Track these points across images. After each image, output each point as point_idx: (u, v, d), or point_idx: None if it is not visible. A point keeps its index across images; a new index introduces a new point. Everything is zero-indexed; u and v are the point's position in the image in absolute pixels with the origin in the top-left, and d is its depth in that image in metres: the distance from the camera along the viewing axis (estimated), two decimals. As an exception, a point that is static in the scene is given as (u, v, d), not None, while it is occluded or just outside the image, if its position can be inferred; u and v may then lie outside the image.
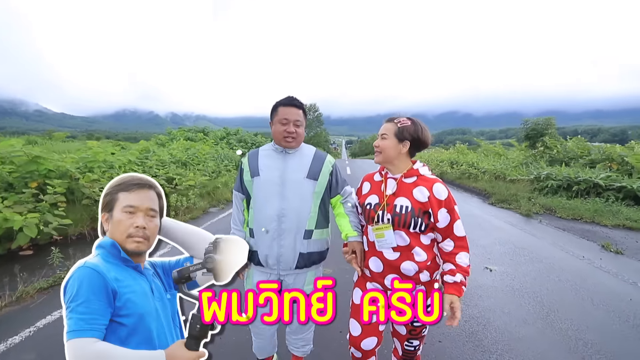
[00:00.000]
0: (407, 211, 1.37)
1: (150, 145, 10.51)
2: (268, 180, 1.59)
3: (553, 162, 10.14)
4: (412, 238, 1.39)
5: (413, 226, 1.37)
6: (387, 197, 1.43)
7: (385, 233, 1.40)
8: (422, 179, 1.42)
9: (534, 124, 12.14)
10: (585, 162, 8.84)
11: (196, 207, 6.90)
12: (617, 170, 8.10)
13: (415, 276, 1.40)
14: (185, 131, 18.24)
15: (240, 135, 21.64)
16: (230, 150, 14.92)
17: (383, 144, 1.43)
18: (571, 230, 5.36)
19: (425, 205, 1.36)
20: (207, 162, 10.99)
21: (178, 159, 9.90)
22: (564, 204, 6.79)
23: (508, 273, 3.56)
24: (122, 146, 10.50)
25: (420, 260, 1.39)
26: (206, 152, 11.81)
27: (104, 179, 6.17)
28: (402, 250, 1.40)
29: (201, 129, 19.62)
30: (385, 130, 1.44)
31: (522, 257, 4.06)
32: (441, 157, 16.24)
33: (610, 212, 6.11)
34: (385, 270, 1.44)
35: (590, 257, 4.10)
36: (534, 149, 11.80)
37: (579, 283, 3.33)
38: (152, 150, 9.97)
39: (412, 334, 1.49)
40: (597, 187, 7.22)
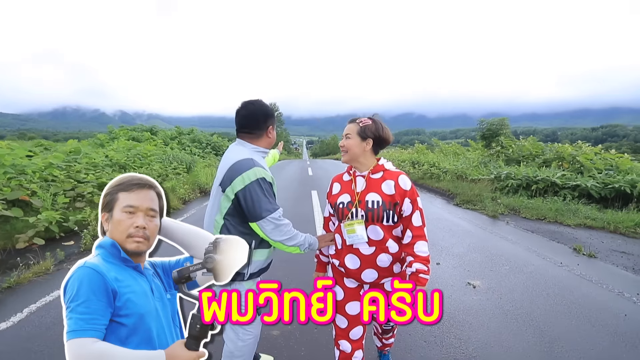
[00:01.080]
0: (378, 205, 1.43)
1: (83, 145, 9.02)
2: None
3: (509, 161, 10.42)
4: (385, 231, 1.45)
5: (386, 219, 1.43)
6: (358, 195, 1.48)
7: (356, 228, 1.45)
8: (387, 173, 1.49)
9: (490, 125, 12.50)
10: (540, 162, 9.11)
11: (133, 218, 5.85)
12: (568, 169, 8.42)
13: (389, 267, 1.47)
14: (129, 130, 16.42)
15: (194, 134, 20.10)
16: (181, 152, 13.57)
17: (347, 144, 1.50)
18: (539, 232, 5.24)
19: (394, 197, 1.43)
20: (152, 164, 9.74)
21: (115, 162, 8.59)
22: (527, 203, 6.80)
23: (493, 289, 3.18)
24: (46, 147, 8.91)
25: (393, 252, 1.46)
26: (151, 153, 10.52)
27: (7, 189, 4.95)
28: (376, 244, 1.46)
29: (149, 128, 17.83)
30: (349, 131, 1.51)
31: (501, 267, 3.73)
32: (402, 157, 16.29)
33: (570, 211, 6.18)
34: (362, 266, 1.48)
35: (567, 262, 3.90)
36: (489, 148, 12.12)
37: (569, 297, 3.03)
38: (84, 152, 8.54)
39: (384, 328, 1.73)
40: (554, 186, 7.38)
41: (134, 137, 15.52)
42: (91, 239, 4.62)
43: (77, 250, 4.43)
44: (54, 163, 6.56)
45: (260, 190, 1.45)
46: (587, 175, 7.62)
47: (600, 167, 7.86)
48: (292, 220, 1.57)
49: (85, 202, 6.07)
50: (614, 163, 7.99)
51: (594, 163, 8.03)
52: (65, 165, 6.98)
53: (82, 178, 6.66)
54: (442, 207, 7.29)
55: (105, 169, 7.89)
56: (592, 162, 8.07)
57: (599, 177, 7.28)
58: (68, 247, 4.55)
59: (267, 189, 1.47)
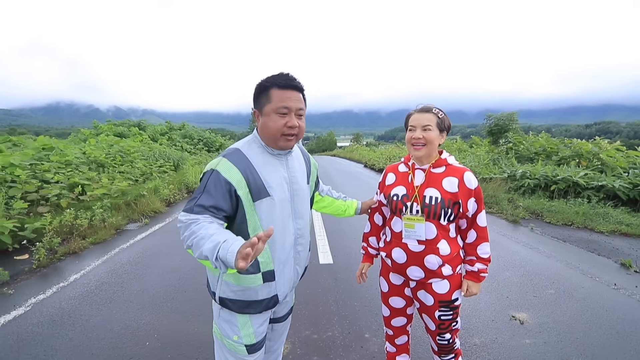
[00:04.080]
0: (436, 202, 1.34)
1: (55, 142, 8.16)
2: (283, 200, 1.19)
3: (520, 159, 9.75)
4: (440, 231, 1.36)
5: (443, 217, 1.34)
6: (417, 188, 1.38)
7: (416, 225, 1.37)
8: (451, 168, 1.38)
9: (497, 120, 11.80)
10: (556, 160, 8.44)
11: (105, 225, 5.07)
12: (587, 167, 7.77)
13: (438, 270, 1.38)
14: (115, 125, 15.48)
15: (185, 130, 19.20)
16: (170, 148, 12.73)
17: (429, 136, 1.34)
18: (571, 241, 4.56)
19: (456, 196, 1.33)
20: (135, 162, 8.92)
21: (93, 159, 7.77)
22: (548, 206, 6.12)
23: (547, 326, 2.48)
24: (15, 142, 8.05)
25: (444, 254, 1.37)
26: (135, 149, 9.69)
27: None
28: (427, 243, 1.37)
29: (136, 123, 16.89)
30: (428, 121, 1.35)
31: (545, 291, 3.04)
32: (402, 154, 15.60)
33: (599, 216, 5.51)
34: (409, 261, 1.41)
35: (622, 284, 3.21)
36: (497, 145, 11.45)
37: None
38: (58, 149, 7.70)
39: (441, 328, 1.45)
40: (576, 187, 6.71)
41: (120, 133, 14.63)
42: (45, 253, 3.85)
43: (29, 268, 3.65)
44: (15, 163, 5.73)
45: (202, 183, 1.12)
46: (611, 175, 6.96)
47: (623, 165, 7.21)
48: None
49: (49, 205, 5.27)
50: (638, 161, 7.35)
51: (616, 161, 7.38)
52: (31, 163, 6.16)
53: (49, 178, 5.85)
54: (453, 210, 6.60)
55: (80, 167, 7.08)
56: (614, 159, 7.42)
57: (625, 176, 6.62)
58: (19, 263, 3.77)
59: (210, 184, 1.09)
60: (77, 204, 5.58)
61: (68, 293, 3.09)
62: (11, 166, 5.66)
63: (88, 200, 5.70)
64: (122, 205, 5.98)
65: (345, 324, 2.49)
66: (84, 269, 3.64)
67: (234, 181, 1.09)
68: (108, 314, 2.69)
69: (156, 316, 2.65)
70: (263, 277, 1.17)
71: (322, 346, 2.21)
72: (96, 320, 2.60)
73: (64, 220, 4.69)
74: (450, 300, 1.41)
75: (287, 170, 1.24)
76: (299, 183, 1.27)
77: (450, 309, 1.42)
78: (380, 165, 14.35)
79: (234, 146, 1.22)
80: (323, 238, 4.58)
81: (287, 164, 1.24)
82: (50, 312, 2.73)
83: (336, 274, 3.40)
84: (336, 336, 2.32)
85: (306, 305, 2.75)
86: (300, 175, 1.28)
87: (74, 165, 6.96)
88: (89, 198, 5.71)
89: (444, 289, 1.39)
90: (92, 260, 3.91)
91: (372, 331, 2.39)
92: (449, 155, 1.43)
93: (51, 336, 2.40)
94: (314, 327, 2.44)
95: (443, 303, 1.41)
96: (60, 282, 3.32)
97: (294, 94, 1.15)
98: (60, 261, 3.91)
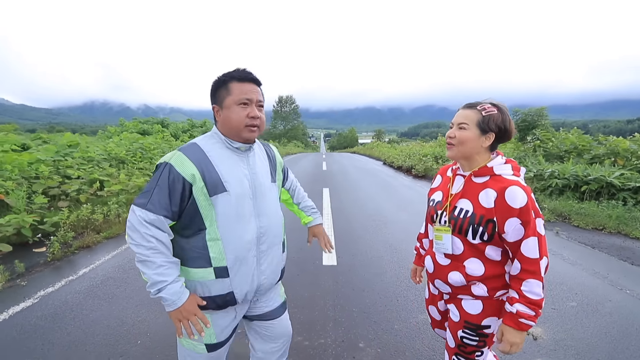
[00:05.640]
0: (465, 215, 1.17)
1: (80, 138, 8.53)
2: (241, 196, 1.16)
3: (548, 157, 9.15)
4: (467, 248, 1.19)
5: (472, 235, 1.15)
6: (451, 197, 1.25)
7: (444, 236, 1.24)
8: (495, 179, 1.15)
9: (525, 115, 11.13)
10: (588, 158, 7.83)
11: (120, 220, 5.21)
12: (624, 166, 7.14)
13: (466, 288, 1.22)
14: (140, 122, 16.06)
15: (206, 127, 19.62)
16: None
17: (461, 136, 1.17)
18: (601, 247, 4.19)
19: (490, 212, 1.12)
20: (154, 158, 9.18)
21: (114, 156, 8.05)
22: (577, 208, 5.68)
23: (564, 343, 2.24)
24: (44, 139, 8.49)
25: (473, 274, 1.18)
26: (155, 146, 9.96)
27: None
28: (452, 258, 1.23)
29: (159, 120, 17.43)
30: (465, 119, 1.17)
31: (566, 303, 2.78)
32: (424, 151, 15.13)
33: (636, 220, 5.03)
34: (435, 273, 1.31)
35: (658, 298, 2.88)
36: (525, 142, 10.82)
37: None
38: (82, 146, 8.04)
39: (460, 349, 1.28)
40: (611, 187, 6.18)
41: (144, 130, 15.16)
42: (60, 246, 3.98)
43: (44, 261, 3.80)
44: (42, 158, 6.02)
45: (154, 176, 1.10)
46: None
47: (666, 164, 6.57)
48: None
49: (69, 200, 5.49)
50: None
51: (658, 159, 6.74)
52: (54, 160, 6.45)
53: (71, 174, 6.10)
54: (472, 211, 6.27)
55: (101, 163, 7.35)
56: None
57: (668, 177, 6.02)
58: (36, 256, 3.93)
59: (162, 178, 1.08)
60: (95, 199, 5.79)
61: (75, 287, 3.16)
62: (37, 162, 5.95)
63: (105, 195, 5.89)
64: (138, 200, 6.14)
65: (340, 331, 2.37)
66: (94, 263, 3.74)
67: (187, 175, 1.08)
68: (108, 310, 2.73)
69: (152, 314, 2.65)
70: (215, 272, 1.16)
71: (312, 354, 2.11)
72: (95, 316, 2.63)
73: (81, 215, 4.85)
74: (479, 325, 1.22)
75: (248, 167, 1.22)
76: (261, 180, 1.25)
77: (476, 334, 1.23)
78: (399, 163, 14.00)
79: (191, 141, 1.21)
80: (330, 238, 4.46)
81: (248, 161, 1.23)
82: (55, 306, 2.81)
83: (338, 277, 3.28)
84: (328, 344, 2.21)
85: (302, 309, 2.65)
86: (262, 172, 1.27)
87: (96, 162, 7.23)
88: (106, 193, 5.90)
89: (474, 310, 1.22)
90: (103, 255, 4.01)
91: (368, 340, 2.26)
92: (501, 163, 1.18)
93: (51, 330, 2.45)
94: (307, 332, 2.34)
95: (469, 325, 1.23)
96: (70, 276, 3.41)
97: (253, 86, 1.17)
98: (74, 255, 4.05)
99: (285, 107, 59.81)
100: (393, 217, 5.67)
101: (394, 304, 2.75)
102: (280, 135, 53.70)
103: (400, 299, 2.84)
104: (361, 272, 3.39)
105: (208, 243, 1.14)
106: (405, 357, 2.09)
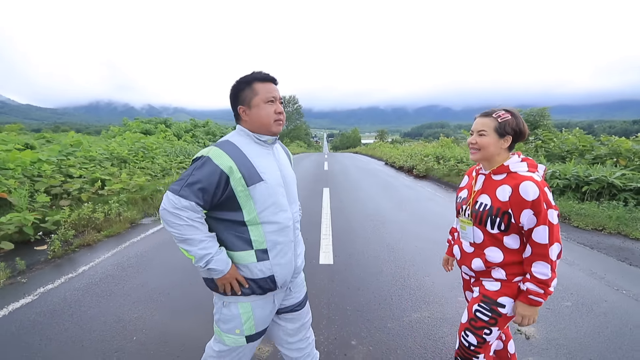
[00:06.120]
0: (484, 209, 1.35)
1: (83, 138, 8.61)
2: (276, 184, 1.27)
3: (550, 157, 9.10)
4: (487, 237, 1.36)
5: (490, 225, 1.34)
6: (474, 194, 1.43)
7: (467, 227, 1.44)
8: (511, 176, 1.32)
9: (527, 115, 11.07)
10: (590, 159, 7.78)
11: (120, 218, 5.26)
12: (626, 166, 7.09)
13: (487, 272, 1.40)
14: (143, 122, 16.16)
15: (208, 127, 19.71)
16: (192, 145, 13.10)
17: (482, 141, 1.36)
18: (599, 248, 4.17)
19: (505, 205, 1.29)
20: (156, 158, 9.24)
21: (116, 155, 8.12)
22: (577, 209, 5.65)
23: (557, 342, 2.24)
24: (48, 139, 8.58)
25: (492, 261, 1.36)
26: (157, 145, 10.03)
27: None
28: (475, 246, 1.42)
29: (162, 120, 17.54)
30: (483, 126, 1.36)
31: (561, 303, 2.77)
32: (425, 152, 15.09)
33: (636, 220, 5.00)
34: (462, 260, 1.50)
35: (654, 298, 2.87)
36: (527, 142, 10.76)
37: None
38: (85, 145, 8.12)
39: (471, 323, 1.41)
40: (612, 188, 6.14)
41: (147, 130, 15.26)
42: (60, 244, 4.03)
43: (44, 258, 3.85)
44: (44, 158, 6.09)
45: (191, 167, 1.20)
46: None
47: (668, 165, 6.51)
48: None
49: (70, 199, 5.55)
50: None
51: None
52: (58, 159, 6.52)
53: (73, 173, 6.16)
54: (472, 211, 6.25)
55: (103, 162, 7.42)
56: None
57: (670, 177, 5.97)
58: (37, 254, 3.98)
59: (198, 170, 1.16)
60: (97, 198, 5.85)
61: (74, 284, 3.21)
62: (39, 162, 6.02)
63: (106, 194, 5.94)
64: (139, 199, 6.20)
65: (333, 329, 2.39)
66: (94, 261, 3.78)
67: (225, 168, 1.16)
68: (105, 307, 2.76)
69: (149, 311, 2.68)
70: (256, 255, 1.25)
71: (305, 351, 2.13)
72: (93, 312, 2.67)
73: (82, 213, 4.91)
74: (494, 300, 1.36)
75: (276, 159, 1.34)
76: (287, 169, 1.38)
77: (490, 310, 1.36)
78: (401, 163, 13.98)
79: (223, 138, 1.31)
80: (328, 237, 4.48)
81: (274, 152, 1.34)
82: (53, 302, 2.85)
83: (334, 275, 3.29)
84: (321, 341, 2.23)
85: (297, 307, 2.67)
86: (286, 163, 1.40)
87: (97, 161, 7.30)
88: (107, 192, 5.96)
89: (493, 288, 1.38)
90: (103, 253, 4.06)
91: (360, 338, 2.27)
92: (517, 161, 1.34)
93: (49, 325, 2.49)
94: (300, 330, 2.36)
95: (486, 298, 1.38)
96: (70, 273, 3.46)
97: (274, 85, 1.29)
98: (74, 253, 4.10)
99: (288, 107, 59.90)
100: (392, 216, 5.68)
101: (388, 303, 2.76)
102: (283, 135, 53.82)
103: (395, 298, 2.85)
104: (357, 271, 3.40)
105: (249, 227, 1.23)
106: (397, 355, 2.11)
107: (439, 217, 5.71)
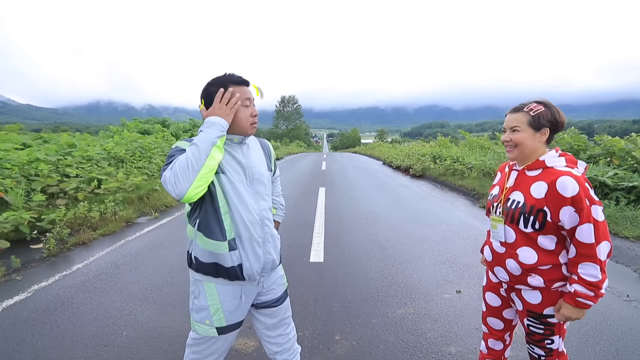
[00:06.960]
0: (517, 206, 1.29)
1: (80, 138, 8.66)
2: (238, 180, 1.31)
3: (545, 156, 9.15)
4: (519, 236, 1.29)
5: (524, 224, 1.26)
6: (506, 190, 1.37)
7: (498, 226, 1.37)
8: (547, 171, 1.24)
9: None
10: (584, 158, 7.84)
11: (116, 217, 5.31)
12: (619, 166, 7.14)
13: (523, 278, 1.30)
14: (141, 122, 16.22)
15: (207, 127, 19.71)
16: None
17: (517, 138, 1.28)
18: (588, 246, 4.21)
19: (541, 203, 1.22)
20: (153, 157, 9.30)
21: (113, 155, 8.17)
22: (569, 208, 5.70)
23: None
24: (45, 139, 8.63)
25: (526, 262, 1.28)
26: (154, 145, 10.09)
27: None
28: (507, 246, 1.34)
29: (160, 120, 17.58)
30: (516, 122, 1.29)
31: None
32: (423, 151, 15.14)
33: (627, 219, 5.05)
34: (494, 261, 1.42)
35: (637, 296, 2.92)
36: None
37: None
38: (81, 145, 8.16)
39: (530, 337, 1.38)
40: (604, 187, 6.19)
41: (145, 130, 15.31)
42: (55, 243, 4.08)
43: (39, 256, 3.90)
44: (41, 157, 6.14)
45: (170, 155, 1.25)
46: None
47: (661, 164, 6.56)
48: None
49: (67, 198, 5.60)
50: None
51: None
52: (55, 159, 6.57)
53: (70, 172, 6.21)
54: (466, 210, 6.31)
55: (100, 162, 7.47)
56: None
57: (662, 177, 6.02)
58: (33, 252, 4.03)
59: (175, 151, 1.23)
60: (93, 197, 5.90)
61: (68, 282, 3.26)
62: (36, 161, 6.07)
63: (102, 193, 6.00)
64: (135, 199, 6.25)
65: (319, 324, 2.44)
66: (88, 259, 3.84)
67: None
68: (97, 303, 2.82)
69: (139, 307, 2.73)
70: (229, 244, 1.29)
71: (289, 346, 2.18)
72: (85, 309, 2.72)
73: (78, 212, 4.96)
74: (541, 314, 1.30)
75: (244, 157, 1.36)
76: (258, 167, 1.40)
77: (541, 323, 1.31)
78: (398, 163, 14.03)
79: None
80: (320, 236, 4.54)
81: (243, 151, 1.37)
82: (47, 299, 2.90)
83: (323, 273, 3.35)
84: (305, 336, 2.28)
85: (284, 304, 2.72)
86: (258, 161, 1.42)
87: (95, 161, 7.35)
88: (104, 191, 6.01)
89: (535, 300, 1.30)
90: (98, 251, 4.11)
91: (344, 333, 2.33)
92: (554, 156, 1.26)
93: (42, 322, 2.54)
94: (286, 326, 2.41)
95: (532, 314, 1.32)
96: (64, 271, 3.51)
97: (247, 88, 1.32)
98: (69, 251, 4.15)
99: (288, 107, 59.93)
100: (386, 215, 5.73)
101: (375, 300, 2.82)
102: (283, 135, 53.82)
103: (382, 295, 2.90)
104: (346, 269, 3.46)
105: (222, 215, 1.28)
106: (379, 349, 2.16)
107: (432, 215, 5.76)
